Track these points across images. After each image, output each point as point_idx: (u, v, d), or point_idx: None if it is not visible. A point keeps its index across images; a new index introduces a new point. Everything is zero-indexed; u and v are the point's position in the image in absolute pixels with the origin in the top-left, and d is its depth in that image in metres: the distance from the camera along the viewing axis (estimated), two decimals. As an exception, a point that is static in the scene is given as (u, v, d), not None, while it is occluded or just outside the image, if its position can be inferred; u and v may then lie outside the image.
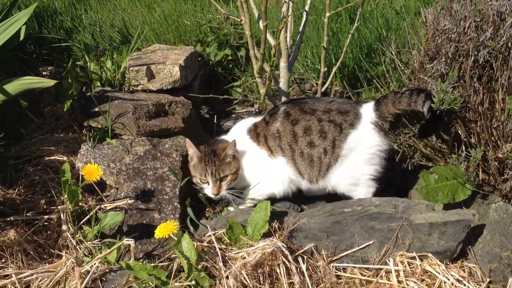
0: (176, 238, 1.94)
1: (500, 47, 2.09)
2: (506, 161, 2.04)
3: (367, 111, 2.39)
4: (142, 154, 2.54)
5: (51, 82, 2.48)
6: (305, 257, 2.09)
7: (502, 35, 2.13)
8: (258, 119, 2.52)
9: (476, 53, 2.14)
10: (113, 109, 2.69)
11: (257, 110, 3.51)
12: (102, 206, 2.33)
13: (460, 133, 2.20)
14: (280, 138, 2.41)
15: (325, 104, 2.43)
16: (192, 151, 2.42)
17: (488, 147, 2.08)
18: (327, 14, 2.73)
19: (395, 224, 2.09)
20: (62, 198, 2.30)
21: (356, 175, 2.41)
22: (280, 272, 2.00)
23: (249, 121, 2.55)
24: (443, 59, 2.21)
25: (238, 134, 2.52)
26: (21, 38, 2.76)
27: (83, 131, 2.85)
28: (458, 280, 2.05)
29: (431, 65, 2.23)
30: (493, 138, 2.13)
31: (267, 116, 2.49)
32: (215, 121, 3.34)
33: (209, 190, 2.40)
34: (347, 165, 2.38)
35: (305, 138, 2.38)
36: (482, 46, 2.14)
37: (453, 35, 2.23)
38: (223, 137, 2.57)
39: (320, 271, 2.09)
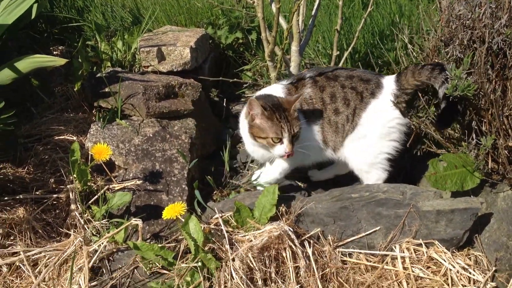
0: (183, 220, 1.95)
1: (514, 35, 2.07)
2: (517, 150, 2.02)
3: (389, 82, 2.35)
4: (151, 135, 2.55)
5: (62, 61, 2.48)
6: (311, 241, 2.09)
7: (518, 22, 2.10)
8: (283, 83, 2.44)
9: (490, 40, 2.11)
10: (123, 90, 2.70)
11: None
12: (111, 186, 2.35)
13: (472, 121, 2.18)
14: (313, 104, 2.35)
15: (347, 71, 2.40)
16: (257, 109, 2.22)
17: (498, 136, 2.06)
18: (341, -3, 2.71)
19: (402, 210, 2.09)
20: (71, 177, 2.31)
21: (374, 152, 2.36)
22: (286, 256, 2.01)
23: (278, 86, 2.44)
24: (458, 44, 2.18)
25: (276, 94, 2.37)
26: (33, 16, 2.75)
27: (93, 111, 2.86)
28: (463, 268, 2.05)
29: (446, 50, 2.20)
30: (504, 126, 2.11)
31: (294, 81, 2.42)
32: (224, 104, 3.33)
33: (282, 149, 2.22)
34: (364, 136, 2.35)
35: (332, 105, 2.34)
36: (496, 33, 2.11)
37: (467, 21, 2.20)
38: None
39: (326, 256, 2.10)
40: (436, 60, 2.33)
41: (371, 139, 2.35)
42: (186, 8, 3.88)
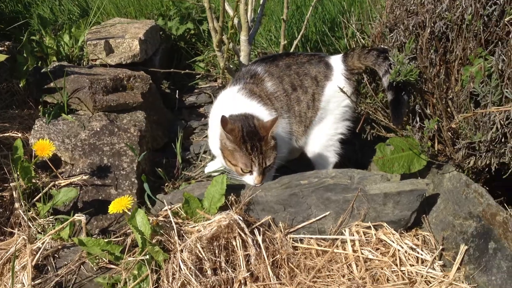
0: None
1: (456, 19, 2.09)
2: (459, 131, 2.05)
3: (336, 62, 2.38)
4: (98, 129, 2.50)
5: (2, 57, 2.41)
6: (261, 229, 2.09)
7: (458, 6, 2.13)
8: (239, 87, 2.32)
9: (432, 24, 2.14)
10: (69, 84, 2.63)
11: (220, 85, 3.48)
12: (57, 182, 2.29)
13: (416, 105, 2.21)
14: (279, 97, 2.32)
15: (294, 57, 2.39)
16: (229, 136, 2.06)
17: (442, 118, 2.09)
18: (287, -14, 2.71)
19: (350, 195, 2.10)
20: (15, 175, 2.25)
21: (330, 134, 2.42)
22: (236, 245, 2.00)
23: (235, 92, 2.31)
24: (402, 30, 2.20)
25: (239, 100, 2.26)
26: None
27: (39, 107, 2.79)
28: (411, 248, 2.08)
29: (391, 35, 2.22)
30: (448, 109, 2.15)
31: (247, 79, 2.33)
32: (177, 96, 3.30)
33: (251, 179, 2.13)
34: (321, 120, 2.39)
35: (293, 94, 2.33)
36: (438, 18, 2.14)
37: (411, 7, 2.22)
38: (218, 109, 2.25)
39: (277, 243, 2.10)
40: (381, 46, 2.35)
41: (327, 121, 2.40)
42: (136, 0, 3.83)
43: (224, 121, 2.04)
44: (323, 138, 2.43)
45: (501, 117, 1.84)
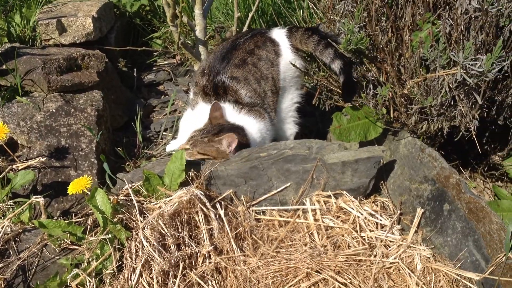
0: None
1: (405, -15, 2.12)
2: (411, 97, 2.10)
3: (280, 36, 2.43)
4: (54, 110, 2.46)
5: None
6: (223, 203, 2.10)
7: (407, -28, 2.15)
8: (208, 103, 2.36)
9: (383, -9, 2.16)
10: (21, 66, 2.58)
11: (178, 62, 3.45)
12: (14, 166, 2.25)
13: (369, 72, 2.24)
14: (255, 102, 2.37)
15: (242, 47, 2.40)
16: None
17: (394, 85, 2.13)
18: (238, -43, 2.68)
19: (309, 165, 2.13)
20: (-31, 161, 2.21)
21: (289, 105, 2.49)
22: (198, 219, 2.01)
23: (206, 109, 2.34)
24: (351, -1, 2.22)
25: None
26: None
27: (-8, 91, 2.72)
28: (371, 214, 2.13)
29: (339, 5, 2.24)
30: (402, 76, 2.19)
31: (212, 89, 2.36)
32: (135, 74, 3.26)
33: None
34: (282, 95, 2.45)
35: (261, 89, 2.38)
36: (388, -16, 2.17)
37: (362, -25, 2.24)
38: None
39: (239, 216, 2.12)
40: (331, 17, 2.36)
41: (285, 93, 2.45)
42: (88, -23, 3.73)
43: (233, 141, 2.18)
44: (282, 111, 2.48)
45: (450, 81, 1.89)
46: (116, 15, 3.44)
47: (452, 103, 1.99)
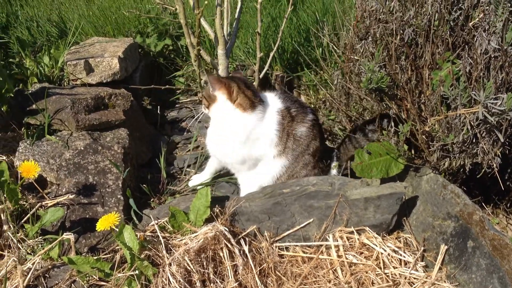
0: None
1: (423, 25, 2.17)
2: (433, 134, 2.13)
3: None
4: (82, 148, 2.53)
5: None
6: (247, 239, 2.13)
7: (426, 13, 2.21)
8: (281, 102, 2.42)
9: (401, 31, 2.21)
10: (50, 105, 2.66)
11: (200, 99, 3.53)
12: (44, 203, 2.31)
13: (389, 110, 2.28)
14: (299, 145, 2.38)
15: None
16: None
17: (415, 122, 2.16)
18: (259, 0, 2.77)
19: (332, 201, 2.16)
20: (2, 198, 2.27)
21: None
22: (223, 256, 2.04)
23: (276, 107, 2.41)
24: (371, 39, 2.27)
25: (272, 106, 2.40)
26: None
27: (22, 129, 2.81)
28: (394, 251, 2.14)
29: (360, 45, 2.30)
30: (422, 113, 2.22)
31: (293, 107, 2.41)
32: (158, 111, 3.34)
33: None
34: None
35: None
36: (407, 25, 2.22)
37: (381, 16, 2.30)
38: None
39: (263, 252, 2.15)
40: (352, 57, 2.42)
41: None
42: (114, 18, 3.87)
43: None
44: None
45: (471, 119, 1.92)
46: (140, 55, 3.54)
47: (474, 140, 2.02)
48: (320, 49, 3.13)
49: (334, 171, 2.50)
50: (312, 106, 3.25)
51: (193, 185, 2.67)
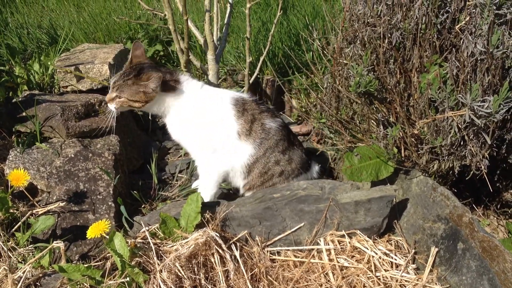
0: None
1: (411, 28, 2.18)
2: (422, 137, 2.14)
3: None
4: (72, 155, 2.53)
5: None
6: (239, 244, 2.13)
7: (413, 16, 2.22)
8: (245, 95, 2.50)
9: (389, 35, 2.23)
10: (40, 113, 2.66)
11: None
12: (34, 211, 2.31)
13: (378, 113, 2.29)
14: (267, 138, 2.40)
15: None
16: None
17: (404, 125, 2.17)
18: (248, 5, 2.78)
19: (323, 205, 2.17)
20: (-9, 206, 2.26)
21: None
22: (214, 261, 2.04)
23: (236, 94, 2.49)
24: (359, 43, 2.29)
25: (221, 98, 2.43)
26: None
27: (12, 137, 2.80)
28: (385, 254, 2.15)
29: (348, 49, 2.31)
30: (412, 117, 2.23)
31: (255, 102, 2.46)
32: (149, 117, 3.33)
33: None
34: None
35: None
36: (395, 29, 2.23)
37: (369, 19, 2.31)
38: (193, 80, 2.45)
39: (255, 257, 2.15)
40: (340, 60, 2.42)
41: None
42: (104, 25, 3.88)
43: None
44: None
45: (459, 121, 1.93)
46: (131, 61, 3.54)
47: (462, 143, 2.03)
48: (311, 53, 3.13)
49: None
50: (303, 109, 3.26)
51: (194, 186, 2.72)
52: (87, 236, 1.93)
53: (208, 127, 2.38)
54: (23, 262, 2.11)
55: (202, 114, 2.38)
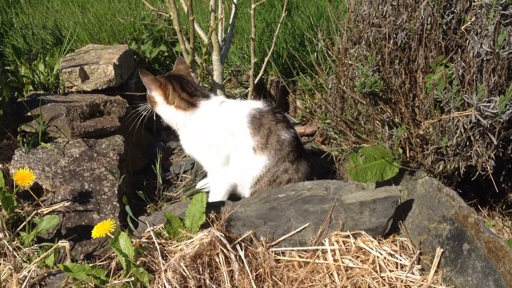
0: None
1: (416, 29, 2.18)
2: (427, 137, 2.13)
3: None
4: (77, 155, 2.53)
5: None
6: (243, 244, 2.13)
7: (418, 17, 2.22)
8: (261, 105, 2.47)
9: (395, 35, 2.22)
10: (45, 113, 2.67)
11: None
12: (39, 211, 2.31)
13: (384, 114, 2.29)
14: (281, 149, 2.40)
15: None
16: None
17: (409, 126, 2.17)
18: (253, 6, 2.78)
19: (327, 205, 2.16)
20: (-3, 206, 2.27)
21: None
22: (219, 261, 2.04)
23: (253, 106, 2.46)
24: (364, 43, 2.28)
25: (238, 116, 2.43)
26: None
27: (17, 137, 2.80)
28: (390, 254, 2.14)
29: (353, 49, 2.30)
30: (417, 117, 2.23)
31: (271, 112, 2.45)
32: (154, 117, 3.33)
33: None
34: None
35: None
36: (400, 29, 2.23)
37: (374, 20, 2.31)
38: (212, 99, 2.48)
39: (259, 257, 2.14)
40: (346, 61, 2.42)
41: None
42: (109, 26, 3.88)
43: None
44: None
45: (464, 122, 1.93)
46: (136, 62, 3.55)
47: (467, 143, 2.02)
48: (315, 53, 3.13)
49: None
50: (308, 110, 3.25)
51: (199, 187, 2.73)
52: (92, 236, 1.93)
53: (223, 145, 2.42)
54: (28, 261, 2.11)
55: (218, 134, 2.42)
